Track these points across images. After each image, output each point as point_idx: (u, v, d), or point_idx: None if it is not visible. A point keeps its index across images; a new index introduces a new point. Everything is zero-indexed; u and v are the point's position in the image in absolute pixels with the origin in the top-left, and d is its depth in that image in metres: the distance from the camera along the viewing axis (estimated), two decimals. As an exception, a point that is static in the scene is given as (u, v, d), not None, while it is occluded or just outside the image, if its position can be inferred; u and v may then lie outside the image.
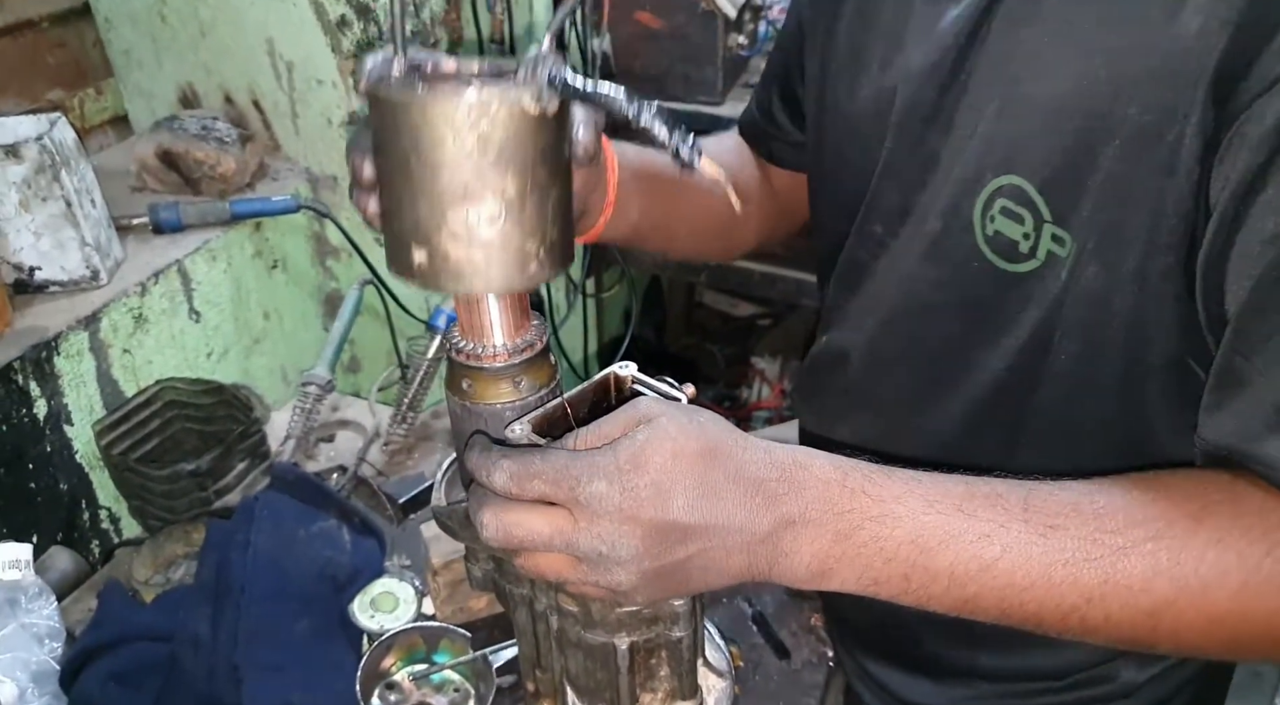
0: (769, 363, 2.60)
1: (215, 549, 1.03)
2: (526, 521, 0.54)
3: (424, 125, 0.49)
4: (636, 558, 0.53)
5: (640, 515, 0.52)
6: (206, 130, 1.41)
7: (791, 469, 0.55)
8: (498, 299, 0.57)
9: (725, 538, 0.54)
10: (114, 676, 0.93)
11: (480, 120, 0.49)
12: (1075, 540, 0.54)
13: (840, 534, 0.54)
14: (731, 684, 0.80)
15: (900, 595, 0.56)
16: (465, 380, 0.60)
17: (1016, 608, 0.55)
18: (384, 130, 0.51)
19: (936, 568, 0.54)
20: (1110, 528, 0.54)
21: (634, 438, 0.53)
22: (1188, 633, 0.54)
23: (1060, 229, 0.65)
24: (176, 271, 1.31)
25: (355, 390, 1.69)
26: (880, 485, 0.55)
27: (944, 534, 0.54)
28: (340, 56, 1.42)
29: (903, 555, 0.54)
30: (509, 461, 0.55)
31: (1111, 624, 0.54)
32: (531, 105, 0.50)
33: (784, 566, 0.55)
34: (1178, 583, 0.53)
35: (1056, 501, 0.56)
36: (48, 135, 1.13)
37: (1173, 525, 0.54)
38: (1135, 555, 0.53)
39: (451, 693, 0.94)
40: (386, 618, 0.99)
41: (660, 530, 0.53)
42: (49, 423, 1.16)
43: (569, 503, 0.53)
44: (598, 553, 0.53)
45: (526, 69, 0.50)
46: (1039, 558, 0.53)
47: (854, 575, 0.55)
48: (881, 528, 0.54)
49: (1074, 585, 0.53)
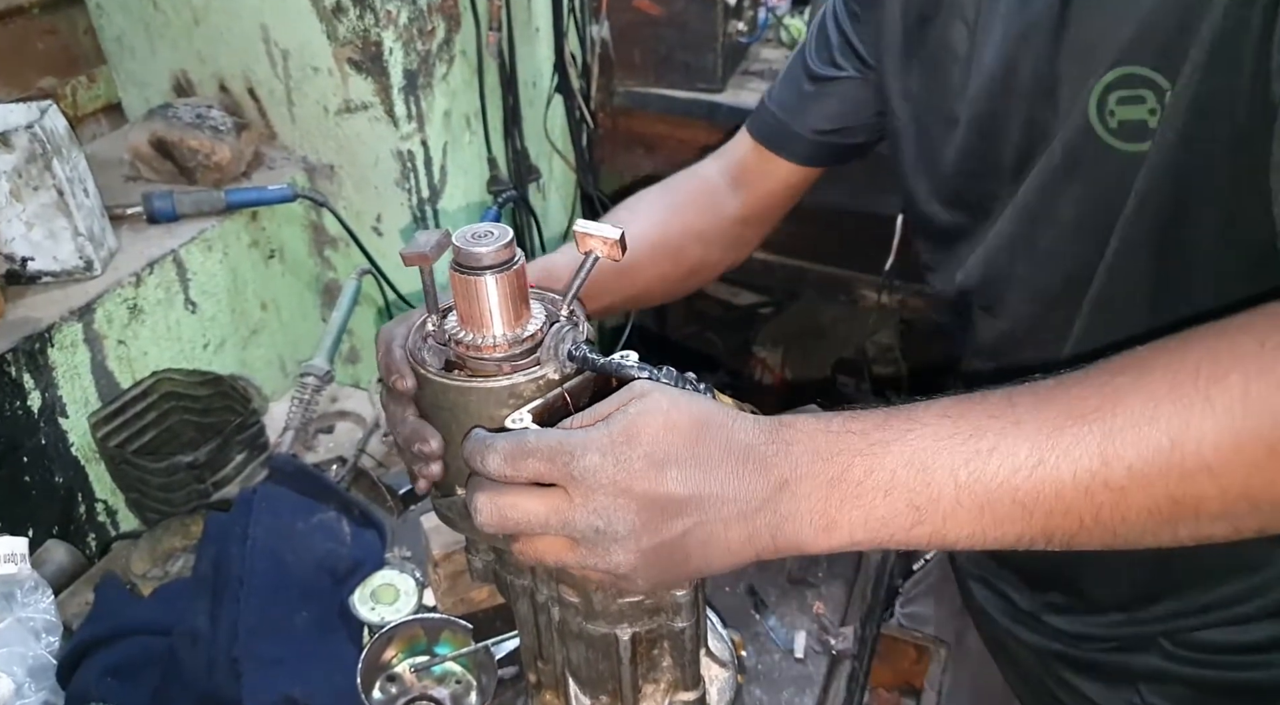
0: (770, 351, 2.60)
1: (214, 542, 1.02)
2: (521, 503, 0.54)
3: (464, 403, 0.59)
4: (633, 533, 0.53)
5: (634, 487, 0.52)
6: (201, 118, 1.40)
7: (777, 430, 0.55)
8: (498, 288, 0.57)
9: (721, 508, 0.53)
10: (111, 671, 0.92)
11: (510, 398, 0.58)
12: (1065, 402, 0.51)
13: (833, 479, 0.53)
14: (734, 674, 0.79)
15: (914, 529, 0.53)
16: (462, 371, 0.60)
17: (1034, 498, 0.50)
18: (425, 397, 0.61)
19: (938, 482, 0.51)
20: (1099, 382, 0.51)
21: (626, 411, 0.54)
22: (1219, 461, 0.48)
23: None
24: (172, 261, 1.30)
25: (354, 381, 1.68)
26: (862, 420, 0.54)
27: (933, 442, 0.52)
28: (336, 43, 1.40)
29: (900, 481, 0.52)
30: (503, 443, 0.55)
31: (1137, 476, 0.49)
32: (554, 376, 0.59)
33: (787, 532, 0.53)
34: (1183, 403, 0.48)
35: (1042, 383, 0.53)
36: (39, 123, 1.11)
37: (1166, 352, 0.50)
38: (1130, 392, 0.49)
39: (453, 684, 0.94)
40: (387, 610, 0.99)
41: (655, 502, 0.52)
42: (43, 415, 1.15)
43: (564, 479, 0.53)
44: (594, 529, 0.53)
45: (550, 345, 0.59)
46: (1034, 432, 0.50)
47: (860, 519, 0.53)
48: (871, 459, 0.53)
49: (1080, 446, 0.49)
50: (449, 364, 0.61)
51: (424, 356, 0.60)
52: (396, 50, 1.41)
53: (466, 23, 1.57)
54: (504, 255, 0.56)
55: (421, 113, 1.50)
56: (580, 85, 1.90)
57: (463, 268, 0.56)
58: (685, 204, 1.03)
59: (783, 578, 1.08)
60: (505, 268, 0.57)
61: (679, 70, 1.87)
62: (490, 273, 0.56)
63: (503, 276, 0.57)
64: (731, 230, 1.03)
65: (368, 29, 1.38)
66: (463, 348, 0.59)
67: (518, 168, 1.78)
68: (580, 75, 1.89)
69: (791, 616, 1.04)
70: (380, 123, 1.46)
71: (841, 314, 2.56)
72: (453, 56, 1.55)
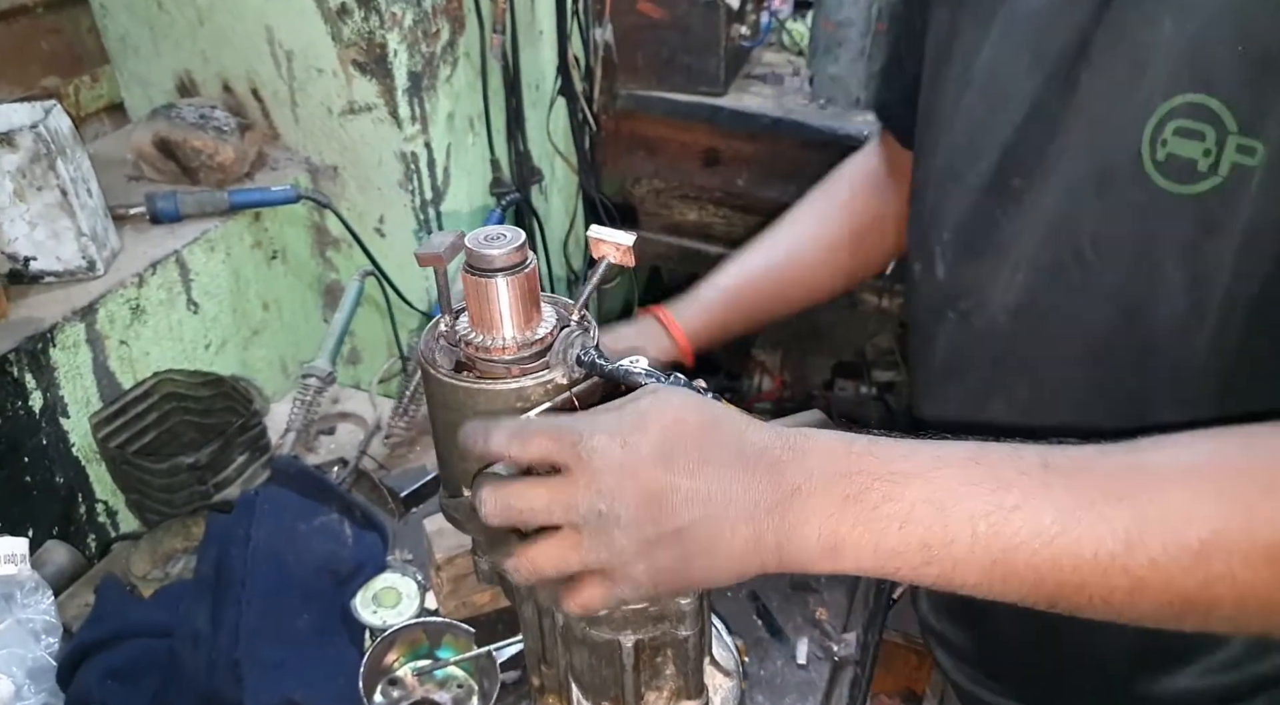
0: (769, 354, 2.60)
1: (215, 543, 1.02)
2: (525, 490, 0.54)
3: (471, 405, 0.58)
4: (636, 521, 0.52)
5: (640, 472, 0.51)
6: (204, 119, 1.40)
7: (793, 438, 0.54)
8: (509, 290, 0.57)
9: (728, 506, 0.52)
10: (112, 673, 0.92)
11: (517, 401, 0.58)
12: (1101, 478, 0.49)
13: (849, 497, 0.51)
14: (739, 683, 0.79)
15: (921, 567, 0.51)
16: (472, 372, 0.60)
17: (1050, 566, 0.49)
18: (434, 398, 0.61)
19: (955, 525, 0.50)
20: (1145, 465, 0.49)
21: (638, 400, 0.54)
22: (1247, 575, 0.47)
23: (1251, 139, 0.59)
24: (174, 262, 1.29)
25: (356, 382, 1.68)
26: (886, 447, 0.53)
27: (957, 485, 0.50)
28: (340, 45, 1.40)
29: (917, 516, 0.50)
30: (509, 422, 0.55)
31: (1159, 570, 0.48)
32: (562, 381, 0.59)
33: (793, 543, 0.52)
34: (1224, 512, 0.47)
35: (1079, 450, 0.51)
36: (43, 123, 1.11)
37: (1214, 460, 0.49)
38: (1171, 486, 0.48)
39: (455, 689, 0.93)
40: (389, 613, 0.98)
41: (660, 491, 0.52)
42: (45, 415, 1.15)
43: (570, 459, 0.52)
44: (597, 512, 0.52)
45: (559, 349, 0.59)
46: (1063, 499, 0.49)
47: (869, 545, 0.51)
48: (892, 486, 0.51)
49: (1108, 525, 0.48)
50: (459, 365, 0.61)
51: (435, 357, 0.60)
52: (401, 52, 1.41)
53: (470, 25, 1.57)
54: (516, 258, 0.56)
55: (425, 114, 1.50)
56: (583, 88, 1.90)
57: (475, 269, 0.56)
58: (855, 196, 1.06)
59: (785, 584, 1.08)
60: (517, 270, 0.57)
61: (681, 73, 1.87)
62: (502, 275, 0.56)
63: (514, 279, 0.56)
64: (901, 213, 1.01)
65: (372, 31, 1.38)
66: (473, 349, 0.59)
67: (520, 170, 1.78)
68: (583, 78, 1.89)
69: (794, 623, 1.04)
70: (384, 124, 1.46)
71: (841, 317, 2.56)
72: (456, 58, 1.55)
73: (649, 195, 2.14)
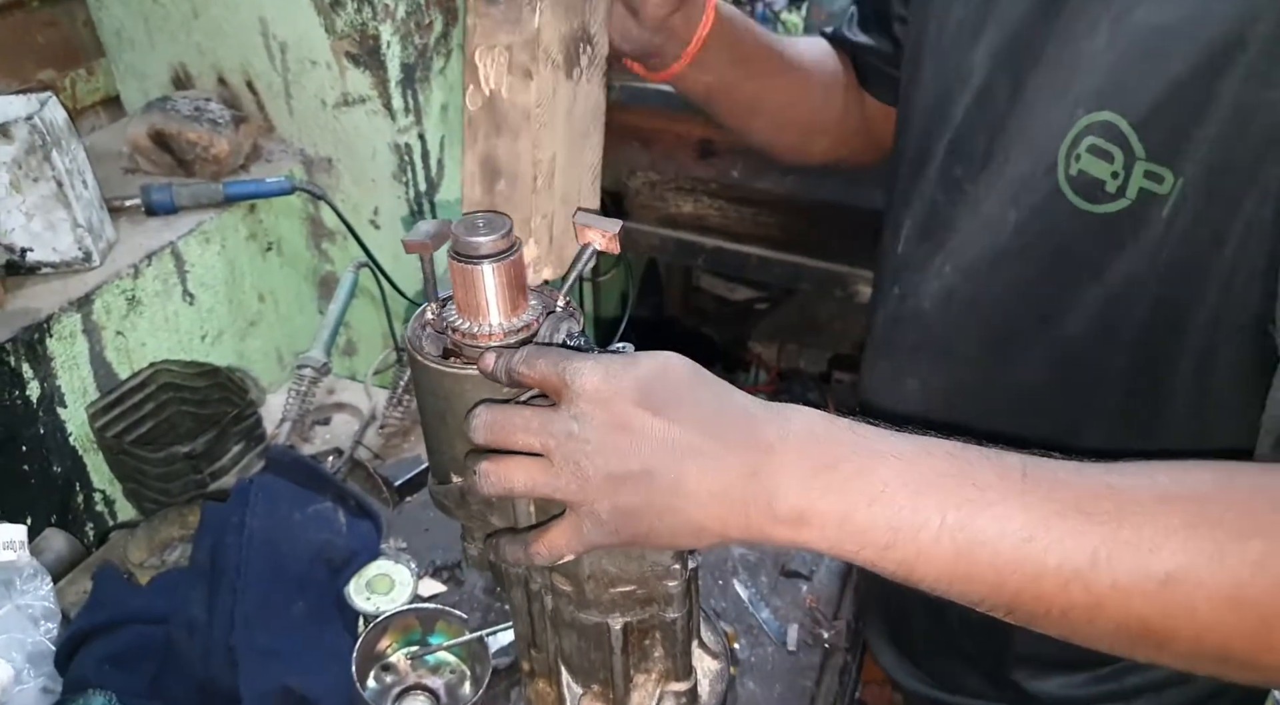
0: (766, 346, 2.61)
1: (210, 532, 1.03)
2: (510, 410, 0.56)
3: (458, 390, 0.59)
4: (603, 449, 0.52)
5: (615, 401, 0.52)
6: (199, 111, 1.40)
7: (778, 406, 0.55)
8: (495, 277, 0.58)
9: (698, 455, 0.51)
10: (109, 659, 0.93)
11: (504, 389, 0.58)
12: (1080, 496, 0.49)
13: (821, 464, 0.51)
14: (727, 665, 0.80)
15: (884, 551, 0.50)
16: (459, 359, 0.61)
17: (1013, 570, 0.49)
18: (421, 385, 0.62)
19: (925, 511, 0.49)
20: (1119, 487, 0.49)
21: (629, 354, 0.56)
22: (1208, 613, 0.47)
23: (1158, 166, 0.60)
24: (170, 253, 1.30)
25: (351, 373, 1.68)
26: (868, 428, 0.53)
27: (934, 474, 0.50)
28: (334, 37, 1.40)
29: (888, 496, 0.50)
30: (501, 351, 0.57)
31: (1120, 592, 0.47)
32: None
33: (759, 504, 0.51)
34: (1192, 547, 0.46)
35: (1060, 463, 0.51)
36: (38, 115, 1.12)
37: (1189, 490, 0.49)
38: (1146, 517, 0.47)
39: (448, 674, 0.95)
40: (382, 600, 0.99)
41: (631, 423, 0.52)
42: (42, 405, 1.16)
43: (558, 383, 0.54)
44: (568, 433, 0.53)
45: (545, 336, 0.60)
46: (1037, 507, 0.48)
47: (836, 518, 0.50)
48: (868, 462, 0.51)
49: (1076, 540, 0.48)
50: (446, 352, 0.61)
51: (422, 344, 0.61)
52: (394, 44, 1.42)
53: (464, 17, 1.57)
54: (502, 245, 0.57)
55: (419, 106, 1.50)
56: (578, 80, 1.90)
57: (461, 256, 0.57)
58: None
59: (776, 570, 1.09)
60: (503, 257, 0.57)
61: (676, 66, 1.87)
62: (488, 262, 0.57)
63: (500, 266, 0.57)
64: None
65: (365, 22, 1.38)
66: (459, 335, 0.60)
67: (515, 162, 1.78)
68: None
69: (784, 609, 1.04)
70: (378, 116, 1.47)
71: (838, 309, 2.56)
72: (450, 50, 1.56)
73: (644, 187, 2.15)
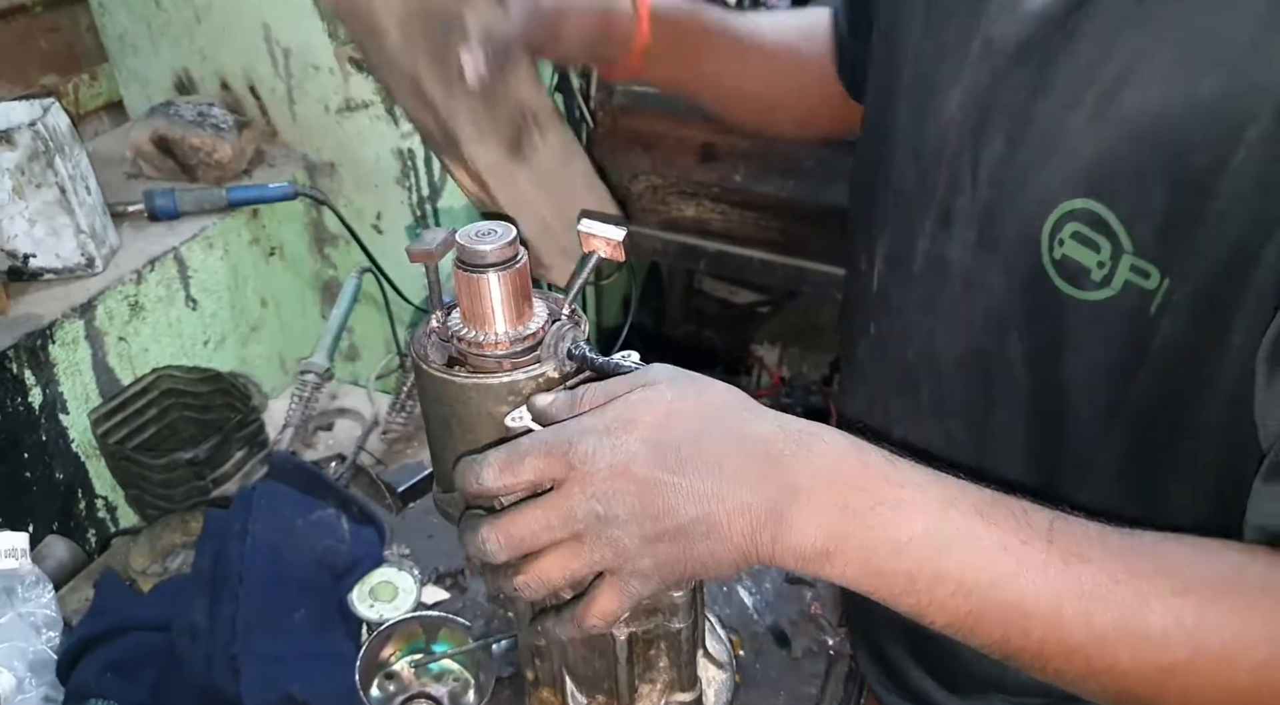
0: (768, 350, 2.60)
1: (213, 538, 1.02)
2: (523, 518, 0.53)
3: (464, 399, 0.59)
4: (635, 517, 0.51)
5: (633, 470, 0.50)
6: (203, 116, 1.40)
7: (802, 435, 0.53)
8: (500, 286, 0.57)
9: (725, 501, 0.51)
10: (111, 666, 0.93)
11: (509, 395, 0.58)
12: (1098, 575, 0.50)
13: (850, 511, 0.51)
14: (732, 675, 0.80)
15: (900, 595, 0.52)
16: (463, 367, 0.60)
17: (1020, 634, 0.51)
18: (426, 393, 0.61)
19: (945, 570, 0.50)
20: (1137, 571, 0.50)
21: (627, 399, 0.53)
22: (1196, 701, 0.50)
23: (1147, 262, 0.58)
24: (173, 259, 1.30)
25: (354, 378, 1.68)
26: (900, 469, 0.52)
27: (960, 534, 0.50)
28: (337, 42, 1.40)
29: (913, 549, 0.50)
30: (495, 454, 0.54)
31: (1117, 674, 0.50)
32: (554, 374, 0.59)
33: (786, 541, 0.51)
34: (1198, 643, 0.48)
35: (1085, 531, 0.51)
36: (41, 121, 1.12)
37: (1203, 583, 0.50)
38: (1158, 606, 0.49)
39: (451, 682, 0.94)
40: (386, 607, 0.99)
41: (656, 486, 0.51)
42: (44, 411, 1.15)
43: (563, 470, 0.52)
44: (595, 515, 0.51)
45: (550, 343, 0.59)
46: (1055, 583, 0.49)
47: (858, 561, 0.51)
48: (896, 514, 0.51)
49: (1086, 623, 0.49)
50: (451, 360, 0.61)
51: (427, 352, 0.61)
52: (398, 49, 1.42)
53: (467, 22, 1.57)
54: (507, 253, 0.57)
55: (422, 111, 1.50)
56: (580, 83, 1.90)
57: (466, 265, 0.57)
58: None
59: (780, 577, 1.08)
60: (508, 265, 0.57)
61: (679, 70, 1.87)
62: (493, 270, 0.56)
63: (505, 274, 0.57)
64: None
65: (369, 28, 1.38)
66: (465, 344, 0.59)
67: (518, 167, 1.78)
68: (580, 74, 1.89)
69: (789, 616, 1.04)
70: (381, 121, 1.47)
71: (840, 314, 2.56)
72: (454, 55, 1.56)
73: (646, 191, 2.14)
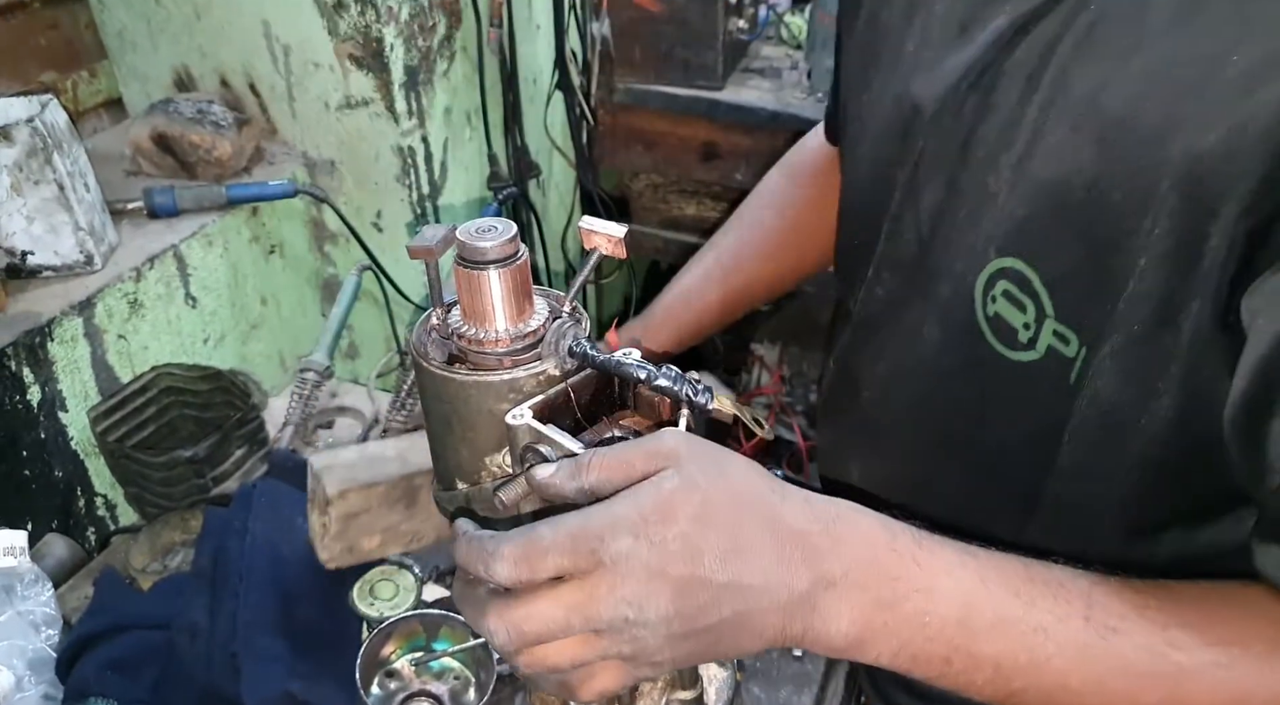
0: (768, 349, 2.59)
1: (213, 537, 1.02)
2: (537, 612, 0.48)
3: (464, 396, 0.58)
4: (665, 619, 0.48)
5: (670, 571, 0.47)
6: (202, 114, 1.40)
7: (834, 523, 0.51)
8: (501, 283, 0.57)
9: (761, 597, 0.49)
10: (111, 665, 0.92)
11: (510, 393, 0.57)
12: (1138, 650, 0.50)
13: (883, 602, 0.50)
14: (733, 674, 0.80)
15: (939, 678, 0.52)
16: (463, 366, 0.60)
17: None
18: (427, 391, 0.61)
19: (982, 655, 0.51)
20: (1179, 643, 0.50)
21: (659, 486, 0.48)
22: None
23: (1067, 328, 0.59)
24: (172, 256, 1.30)
25: (354, 376, 1.68)
26: (931, 553, 0.52)
27: (995, 619, 0.50)
28: (337, 39, 1.40)
29: (947, 635, 0.50)
30: (510, 546, 0.48)
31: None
32: (555, 372, 0.58)
33: (819, 631, 0.51)
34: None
35: (1122, 602, 0.51)
36: (39, 117, 1.11)
37: (1247, 652, 0.50)
38: (1201, 679, 0.49)
39: (451, 680, 0.94)
40: (385, 605, 0.99)
41: (692, 588, 0.48)
42: (43, 409, 1.15)
43: (591, 567, 0.47)
44: (624, 619, 0.47)
45: (551, 341, 0.58)
46: (1097, 663, 0.50)
47: (892, 649, 0.51)
48: (929, 602, 0.50)
49: (1129, 699, 0.50)
50: (452, 358, 0.61)
51: (427, 350, 0.61)
52: (397, 46, 1.41)
53: (467, 19, 1.57)
54: (508, 250, 0.56)
55: (422, 109, 1.50)
56: (581, 82, 1.90)
57: (466, 262, 0.56)
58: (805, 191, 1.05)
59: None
60: (508, 263, 0.57)
61: (679, 67, 1.87)
62: (493, 267, 0.56)
63: (505, 271, 0.57)
64: None
65: (369, 25, 1.38)
66: (465, 342, 0.59)
67: (518, 164, 1.78)
68: (581, 72, 1.89)
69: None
70: (381, 119, 1.46)
71: (840, 312, 2.55)
72: (454, 53, 1.55)
73: (647, 190, 2.14)
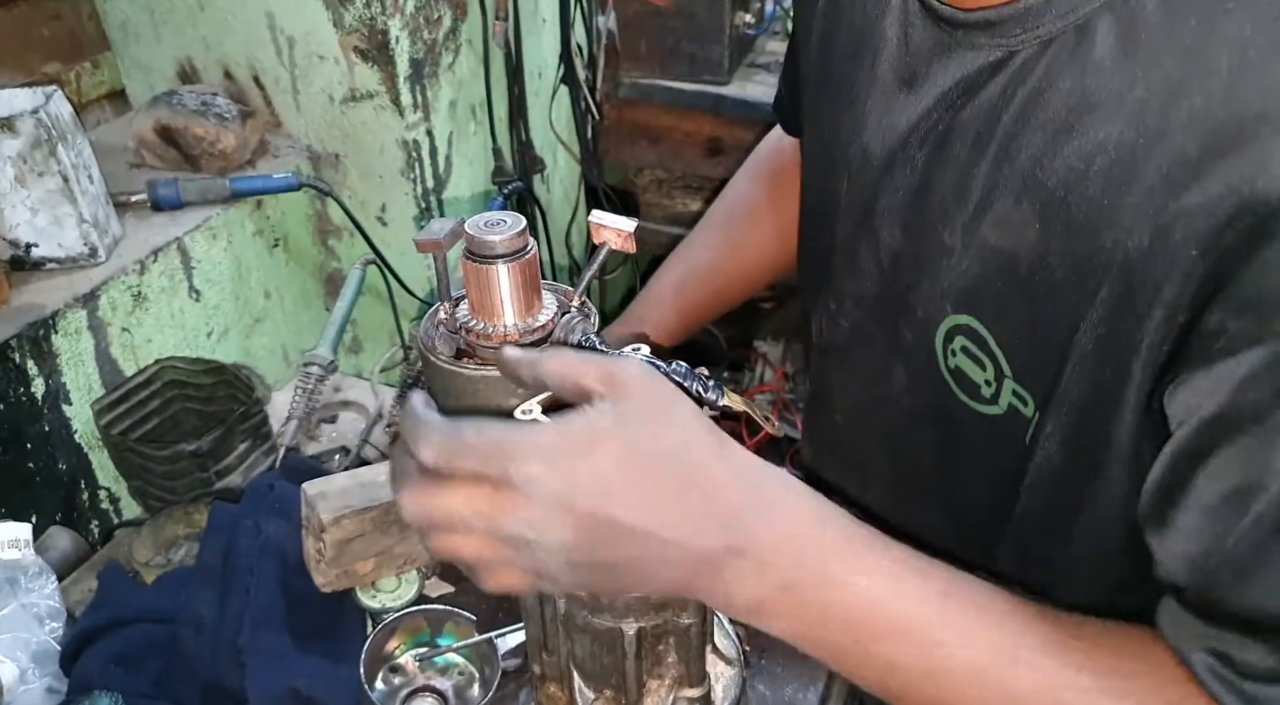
0: (771, 346, 2.59)
1: (220, 532, 1.02)
2: (445, 500, 0.49)
3: (472, 391, 0.58)
4: (564, 547, 0.48)
5: (577, 504, 0.47)
6: (206, 106, 1.39)
7: (764, 487, 0.51)
8: (509, 277, 0.57)
9: (666, 548, 0.49)
10: (115, 658, 0.92)
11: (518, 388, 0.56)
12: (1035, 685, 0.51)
13: (787, 583, 0.51)
14: (741, 671, 0.79)
15: (831, 663, 0.54)
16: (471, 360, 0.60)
17: None
18: (434, 385, 0.60)
19: (877, 655, 0.52)
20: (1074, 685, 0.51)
21: (590, 420, 0.48)
22: None
23: (1023, 389, 0.59)
24: (176, 249, 1.29)
25: (357, 371, 1.68)
26: (856, 550, 0.52)
27: (901, 625, 0.51)
28: (342, 31, 1.39)
29: (847, 629, 0.51)
30: (439, 436, 0.49)
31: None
32: None
33: (720, 594, 0.51)
34: None
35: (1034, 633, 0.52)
36: (43, 109, 1.11)
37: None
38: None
39: (456, 676, 0.94)
40: (387, 597, 0.99)
41: (595, 525, 0.48)
42: (47, 402, 1.15)
43: (500, 481, 0.48)
44: (523, 539, 0.48)
45: (560, 336, 0.58)
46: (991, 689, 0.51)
47: (789, 628, 0.53)
48: (835, 593, 0.51)
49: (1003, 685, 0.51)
50: (459, 352, 0.60)
51: (435, 344, 0.60)
52: (403, 39, 1.41)
53: (473, 12, 1.56)
54: (517, 244, 0.56)
55: (427, 102, 1.49)
56: (586, 76, 1.89)
57: (475, 256, 0.56)
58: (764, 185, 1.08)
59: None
60: (517, 256, 0.56)
61: (685, 62, 1.86)
62: (502, 261, 0.56)
63: (514, 265, 0.56)
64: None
65: (374, 17, 1.37)
66: (473, 336, 0.59)
67: (523, 158, 1.77)
68: (586, 66, 1.89)
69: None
70: (386, 112, 1.46)
71: (844, 309, 2.55)
72: (459, 46, 1.55)
73: (651, 185, 2.14)
